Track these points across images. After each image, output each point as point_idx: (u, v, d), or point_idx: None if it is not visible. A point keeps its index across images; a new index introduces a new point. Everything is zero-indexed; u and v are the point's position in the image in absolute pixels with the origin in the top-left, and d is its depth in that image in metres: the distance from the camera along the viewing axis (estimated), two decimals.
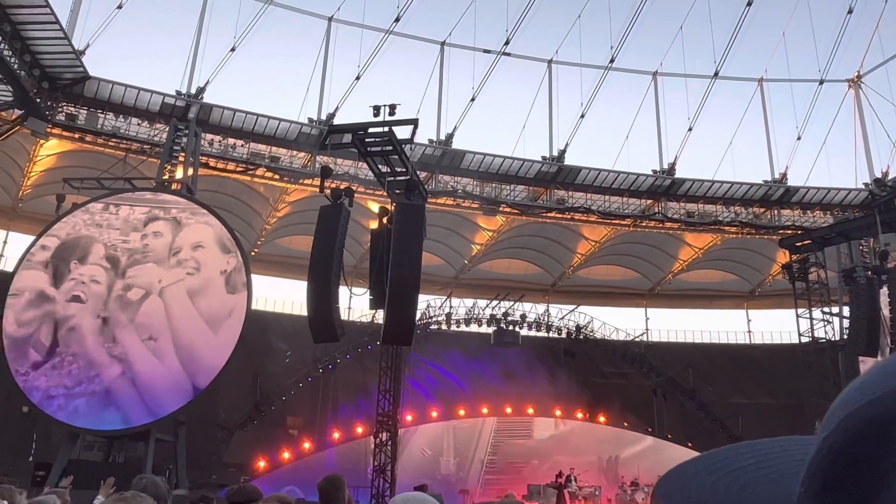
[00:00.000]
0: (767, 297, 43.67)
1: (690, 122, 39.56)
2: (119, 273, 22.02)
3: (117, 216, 22.81)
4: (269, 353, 32.38)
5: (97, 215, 22.83)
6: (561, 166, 37.57)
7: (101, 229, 22.65)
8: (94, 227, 22.67)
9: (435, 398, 31.75)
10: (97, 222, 22.72)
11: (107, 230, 22.59)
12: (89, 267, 22.10)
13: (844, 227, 30.90)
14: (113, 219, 22.77)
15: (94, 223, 22.70)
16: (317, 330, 18.11)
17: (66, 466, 19.70)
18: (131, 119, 32.26)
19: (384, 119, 19.41)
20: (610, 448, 31.14)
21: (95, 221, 22.73)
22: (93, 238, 22.46)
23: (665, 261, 43.03)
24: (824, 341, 30.20)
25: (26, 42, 26.80)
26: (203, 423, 26.44)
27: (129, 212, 22.94)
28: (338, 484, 4.64)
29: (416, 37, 38.40)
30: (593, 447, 30.88)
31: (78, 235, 22.54)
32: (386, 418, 21.66)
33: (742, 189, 38.81)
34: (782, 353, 36.42)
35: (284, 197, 36.88)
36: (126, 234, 22.52)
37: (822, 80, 40.26)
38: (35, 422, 23.13)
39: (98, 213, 22.92)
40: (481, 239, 41.03)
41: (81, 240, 22.45)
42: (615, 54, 38.90)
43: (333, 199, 18.91)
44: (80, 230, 22.69)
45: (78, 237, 22.51)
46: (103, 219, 22.79)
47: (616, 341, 36.38)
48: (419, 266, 18.31)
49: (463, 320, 33.54)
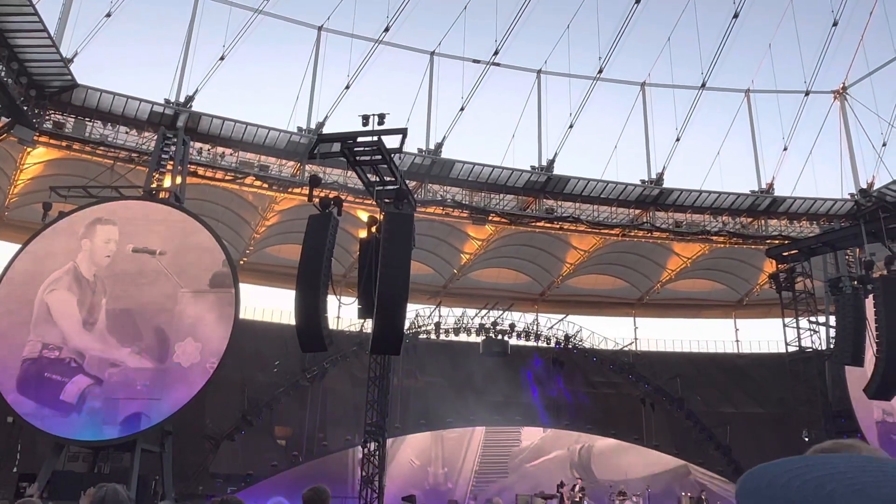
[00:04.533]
0: (755, 306, 43.90)
1: (678, 133, 39.85)
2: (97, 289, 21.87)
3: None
4: (257, 362, 32.22)
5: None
6: (550, 176, 37.70)
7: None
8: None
9: (423, 408, 31.67)
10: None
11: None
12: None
13: (830, 237, 31.11)
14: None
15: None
16: (305, 339, 18.02)
17: (51, 478, 19.49)
18: (119, 127, 32.12)
19: (373, 128, 19.41)
20: (583, 440, 31.35)
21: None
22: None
23: (653, 270, 43.21)
24: (811, 350, 30.34)
25: (14, 50, 26.67)
26: (190, 433, 26.23)
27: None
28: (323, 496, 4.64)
29: (405, 46, 38.54)
30: (566, 442, 31.13)
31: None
32: (374, 428, 21.57)
33: (729, 199, 39.07)
34: (770, 363, 36.59)
35: (273, 206, 36.80)
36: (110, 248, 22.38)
37: (808, 92, 40.66)
38: (20, 431, 22.88)
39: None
40: (470, 248, 41.06)
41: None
42: (604, 65, 39.17)
43: (322, 209, 18.86)
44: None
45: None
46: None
47: (605, 350, 36.44)
48: (408, 275, 18.27)
49: (452, 329, 33.49)
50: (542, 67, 39.80)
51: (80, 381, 20.64)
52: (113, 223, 22.70)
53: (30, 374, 20.69)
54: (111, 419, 20.47)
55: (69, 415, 20.31)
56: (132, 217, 23.05)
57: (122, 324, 21.46)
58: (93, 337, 21.29)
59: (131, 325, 21.45)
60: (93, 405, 20.50)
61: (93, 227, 22.56)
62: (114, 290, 21.86)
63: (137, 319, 21.54)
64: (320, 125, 35.12)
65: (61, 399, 20.41)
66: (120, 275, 22.16)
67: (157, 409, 20.64)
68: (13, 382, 20.49)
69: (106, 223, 22.65)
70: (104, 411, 20.53)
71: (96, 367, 20.91)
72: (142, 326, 21.48)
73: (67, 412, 20.32)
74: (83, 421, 20.36)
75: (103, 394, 20.63)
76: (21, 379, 20.58)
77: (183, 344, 21.08)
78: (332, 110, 35.77)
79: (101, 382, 20.72)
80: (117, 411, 20.56)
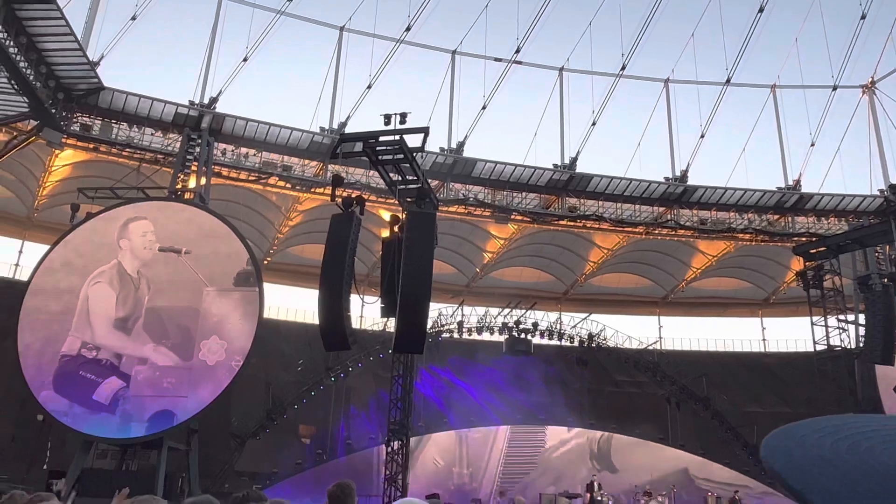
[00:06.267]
0: (782, 304, 43.33)
1: (703, 129, 39.45)
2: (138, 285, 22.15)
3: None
4: (281, 361, 32.44)
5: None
6: (572, 174, 37.51)
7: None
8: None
9: (447, 407, 31.68)
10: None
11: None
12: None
13: (859, 233, 30.65)
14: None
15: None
16: (328, 338, 18.10)
17: (80, 475, 19.76)
18: (145, 129, 32.52)
19: (395, 128, 19.44)
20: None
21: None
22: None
23: (678, 268, 42.82)
24: (840, 349, 29.91)
25: (42, 54, 27.09)
26: (215, 432, 26.47)
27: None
28: (347, 490, 4.64)
29: (427, 46, 38.56)
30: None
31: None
32: (397, 426, 21.61)
33: (755, 196, 38.58)
34: (797, 362, 36.10)
35: (296, 206, 37.02)
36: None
37: (836, 86, 40.03)
38: (50, 429, 23.23)
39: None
40: (493, 247, 40.98)
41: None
42: (626, 62, 38.88)
43: (345, 208, 18.92)
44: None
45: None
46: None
47: (629, 350, 36.14)
48: (430, 274, 18.27)
49: (475, 328, 33.44)
50: (564, 65, 39.62)
51: (113, 382, 20.85)
52: (144, 218, 23.02)
53: (66, 371, 20.93)
54: (138, 417, 20.69)
55: (99, 413, 20.55)
56: (158, 217, 23.30)
57: (150, 321, 21.71)
58: (120, 335, 21.53)
59: (159, 323, 21.68)
60: (124, 405, 20.74)
61: (126, 227, 22.83)
62: (150, 287, 22.17)
63: (164, 317, 21.76)
64: (342, 125, 35.26)
65: (93, 398, 20.65)
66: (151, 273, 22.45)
67: (183, 407, 20.81)
68: (50, 378, 20.73)
69: (138, 220, 22.95)
70: (132, 410, 20.77)
71: (128, 366, 21.15)
72: (168, 324, 21.69)
73: (98, 411, 20.56)
74: (112, 419, 20.60)
75: (132, 392, 20.86)
76: (58, 376, 20.82)
77: (208, 342, 21.24)
78: (354, 110, 35.96)
79: (130, 380, 20.95)
80: (144, 409, 20.77)
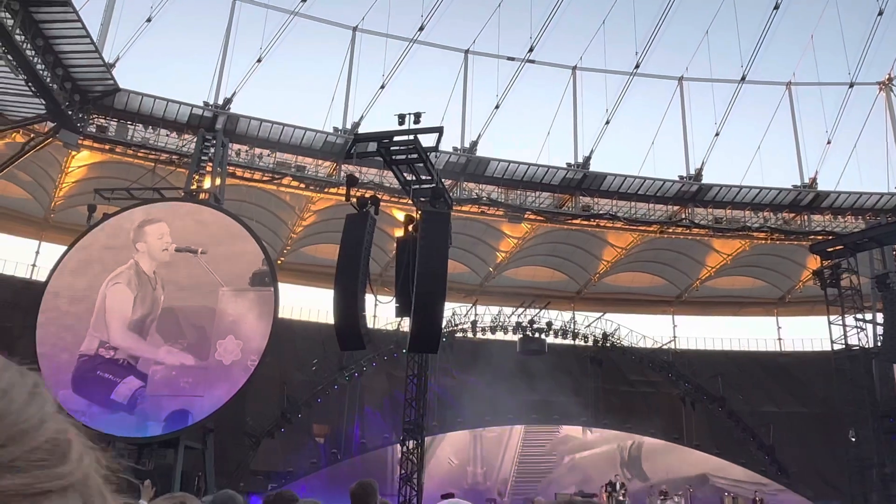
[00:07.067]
0: (798, 303, 42.94)
1: (717, 127, 39.22)
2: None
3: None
4: (296, 360, 32.56)
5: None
6: (586, 173, 37.39)
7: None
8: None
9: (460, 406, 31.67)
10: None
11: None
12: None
13: (877, 232, 30.34)
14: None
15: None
16: (343, 338, 18.16)
17: None
18: (160, 130, 32.75)
19: (409, 127, 19.44)
20: (635, 437, 31.17)
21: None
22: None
23: (692, 267, 42.57)
24: (857, 348, 29.61)
25: (58, 56, 27.33)
26: (231, 431, 26.63)
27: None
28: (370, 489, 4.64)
29: (439, 45, 38.57)
30: (615, 438, 30.94)
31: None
32: (412, 426, 21.64)
33: (771, 194, 38.30)
34: (814, 361, 35.78)
35: (310, 206, 37.13)
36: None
37: (852, 83, 39.67)
38: None
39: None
40: (506, 246, 40.93)
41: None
42: (640, 60, 38.72)
43: (359, 208, 18.97)
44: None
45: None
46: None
47: (643, 349, 36.00)
48: (445, 274, 18.27)
49: (489, 328, 33.42)
50: (577, 64, 39.50)
51: (131, 382, 21.03)
52: (160, 221, 23.19)
53: (85, 371, 21.11)
54: (155, 416, 20.85)
55: (117, 412, 20.72)
56: (174, 218, 23.48)
57: (166, 321, 21.87)
58: (137, 336, 21.70)
59: (175, 323, 21.83)
60: (141, 404, 20.90)
61: (141, 229, 23.01)
62: (166, 287, 22.33)
63: (180, 317, 21.91)
64: (356, 125, 35.34)
65: (111, 398, 20.81)
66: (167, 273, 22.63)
67: (199, 407, 20.96)
68: (68, 377, 20.91)
69: (154, 222, 23.12)
70: (149, 409, 20.93)
71: (145, 365, 21.31)
72: (184, 324, 21.84)
73: (116, 410, 20.73)
74: (130, 419, 20.77)
75: (149, 391, 21.02)
76: (76, 376, 21.02)
77: (224, 342, 21.38)
78: (367, 110, 36.04)
79: (147, 380, 21.11)
80: (161, 409, 20.93)
